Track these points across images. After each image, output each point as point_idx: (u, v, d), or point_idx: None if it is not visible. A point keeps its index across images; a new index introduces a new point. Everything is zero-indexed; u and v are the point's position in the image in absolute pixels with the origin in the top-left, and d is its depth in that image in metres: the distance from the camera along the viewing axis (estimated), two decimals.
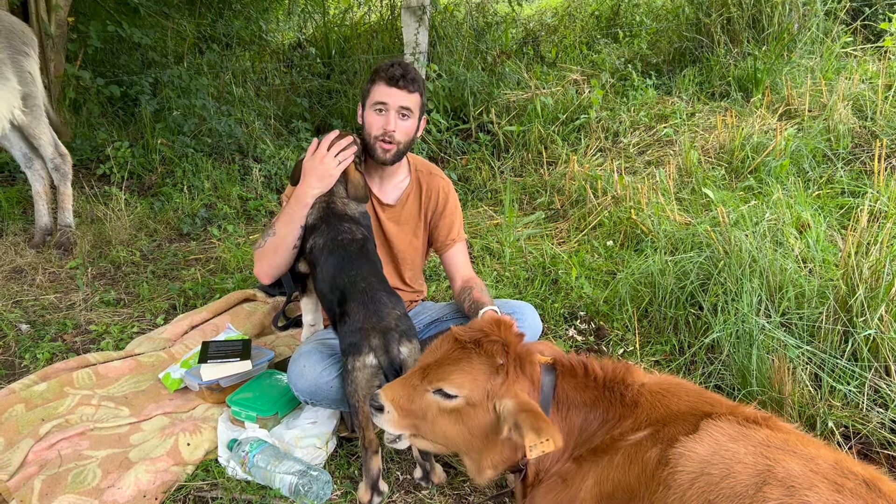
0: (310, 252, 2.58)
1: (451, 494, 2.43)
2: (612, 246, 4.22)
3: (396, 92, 2.64)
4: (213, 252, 4.64)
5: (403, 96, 2.66)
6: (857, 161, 4.76)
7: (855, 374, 2.69)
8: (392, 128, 2.66)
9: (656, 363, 3.15)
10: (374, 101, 2.68)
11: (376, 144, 2.70)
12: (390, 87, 2.65)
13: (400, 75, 2.64)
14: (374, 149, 2.71)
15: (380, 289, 2.41)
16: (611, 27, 8.05)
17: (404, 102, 2.66)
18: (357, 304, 2.35)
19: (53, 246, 4.60)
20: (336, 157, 2.59)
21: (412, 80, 2.67)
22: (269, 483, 2.41)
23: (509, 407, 1.90)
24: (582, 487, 1.89)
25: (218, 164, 5.84)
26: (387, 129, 2.66)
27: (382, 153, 2.71)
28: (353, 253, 2.50)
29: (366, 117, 2.73)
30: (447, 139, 6.01)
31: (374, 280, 2.44)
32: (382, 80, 2.66)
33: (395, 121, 2.67)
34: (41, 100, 4.49)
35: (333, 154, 2.59)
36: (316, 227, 2.59)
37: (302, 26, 9.33)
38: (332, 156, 2.58)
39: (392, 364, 2.29)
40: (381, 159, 2.72)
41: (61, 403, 2.87)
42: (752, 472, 1.58)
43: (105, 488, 2.37)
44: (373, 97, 2.69)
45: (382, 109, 2.67)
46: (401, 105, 2.66)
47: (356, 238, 2.55)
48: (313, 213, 2.61)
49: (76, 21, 6.80)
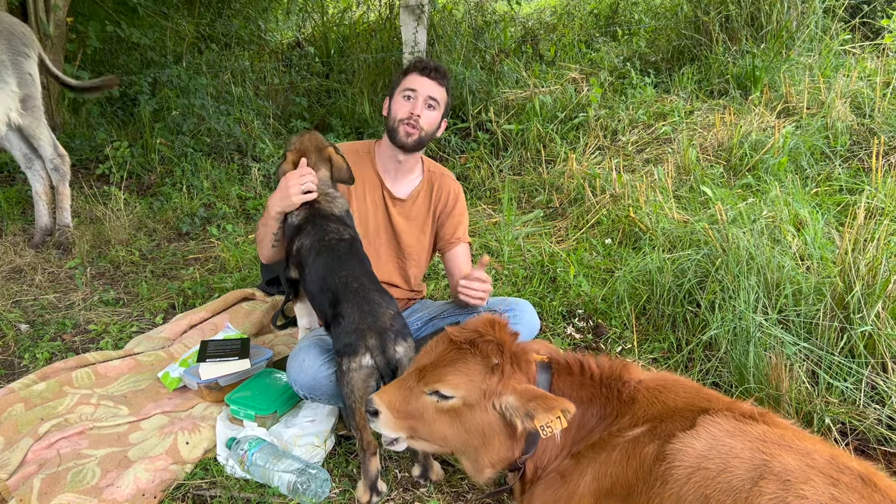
0: (297, 254, 2.58)
1: (450, 492, 2.44)
2: (610, 244, 4.23)
3: (427, 81, 2.80)
4: (212, 251, 4.65)
5: (433, 86, 2.81)
6: (854, 158, 4.77)
7: (852, 371, 2.70)
8: (418, 112, 2.78)
9: (654, 360, 3.16)
10: (404, 88, 2.82)
11: (400, 127, 2.80)
12: (422, 76, 2.81)
13: (433, 67, 2.83)
14: (396, 132, 2.82)
15: (372, 288, 2.41)
16: (609, 25, 8.05)
17: (433, 92, 2.81)
18: (351, 305, 2.34)
19: (53, 246, 4.61)
20: (300, 185, 2.60)
21: (443, 75, 2.85)
22: (267, 481, 2.41)
23: (512, 402, 1.91)
24: (580, 483, 1.90)
25: (217, 164, 5.85)
26: (413, 111, 2.78)
27: (405, 136, 2.81)
28: (343, 253, 2.49)
29: (393, 104, 2.85)
30: (446, 138, 6.01)
31: (366, 280, 2.44)
32: (415, 70, 2.83)
33: (422, 108, 2.80)
34: (41, 101, 4.50)
35: (298, 183, 2.60)
36: (302, 227, 2.59)
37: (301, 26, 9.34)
38: (296, 185, 2.60)
39: (389, 364, 2.29)
40: (401, 142, 2.82)
41: (60, 403, 2.87)
42: (749, 467, 1.59)
43: (104, 487, 2.38)
44: (403, 85, 2.84)
45: (411, 96, 2.81)
46: (429, 94, 2.81)
47: (344, 238, 2.55)
48: (299, 214, 2.63)
49: (75, 21, 6.81)
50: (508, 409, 1.92)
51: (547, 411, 1.84)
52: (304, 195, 2.59)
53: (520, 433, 1.95)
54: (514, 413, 1.91)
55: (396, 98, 2.84)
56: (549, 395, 1.89)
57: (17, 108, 4.30)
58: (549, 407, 1.84)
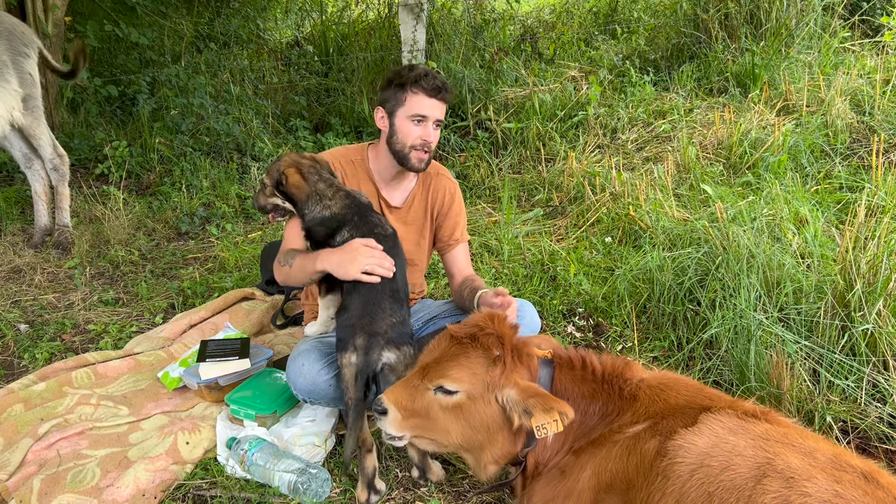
0: (343, 244, 2.45)
1: (450, 492, 2.43)
2: (610, 242, 4.22)
3: (436, 104, 2.68)
4: (212, 251, 4.64)
5: (441, 108, 2.71)
6: (854, 156, 4.76)
7: (853, 369, 2.69)
8: (431, 139, 2.70)
9: (654, 359, 3.15)
10: (414, 113, 2.66)
11: (411, 154, 2.70)
12: (431, 99, 2.66)
13: (441, 86, 2.67)
14: (407, 158, 2.71)
15: (386, 293, 2.37)
16: (608, 23, 8.05)
17: (441, 114, 2.72)
18: (358, 300, 2.34)
19: (52, 246, 4.60)
20: (365, 265, 2.37)
21: (449, 91, 2.72)
22: (268, 481, 2.40)
23: (513, 396, 1.92)
24: (580, 478, 1.90)
25: (216, 163, 5.84)
26: (426, 139, 2.68)
27: (418, 162, 2.72)
28: (388, 249, 2.42)
29: (399, 126, 2.69)
30: (445, 137, 6.00)
31: (388, 284, 2.38)
32: (422, 91, 2.65)
33: (433, 132, 2.71)
34: (41, 100, 4.49)
35: (366, 265, 2.36)
36: (347, 218, 2.47)
37: (299, 24, 9.33)
38: (363, 265, 2.36)
39: (368, 367, 2.25)
40: (416, 168, 2.74)
41: (60, 403, 2.87)
42: (752, 465, 1.58)
43: (104, 487, 2.37)
44: (411, 107, 2.66)
45: (421, 121, 2.68)
46: (437, 118, 2.71)
47: (388, 233, 2.50)
48: (336, 203, 2.50)
49: (73, 21, 6.79)
50: (508, 403, 1.94)
51: (545, 412, 1.85)
52: (363, 275, 2.35)
53: (515, 428, 1.96)
54: (514, 407, 1.92)
55: (403, 121, 2.68)
56: (550, 395, 1.90)
57: (19, 107, 4.30)
58: (548, 408, 1.85)
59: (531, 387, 1.93)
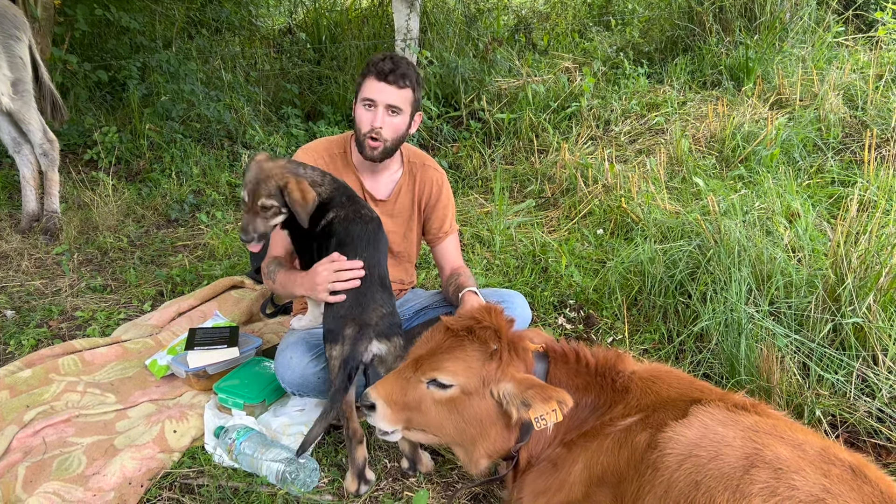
0: (328, 225, 2.41)
1: (440, 482, 2.43)
2: (602, 234, 4.22)
3: (386, 87, 2.57)
4: (201, 238, 4.61)
5: (392, 92, 2.58)
6: (847, 151, 4.77)
7: (842, 363, 2.70)
8: (379, 124, 2.59)
9: (645, 352, 3.15)
10: (364, 98, 2.62)
11: (365, 141, 2.64)
12: (379, 82, 2.57)
13: (389, 70, 2.56)
14: (362, 145, 2.66)
15: (376, 283, 2.35)
16: (603, 15, 8.03)
17: (393, 99, 2.59)
18: (350, 291, 2.31)
19: (40, 231, 4.56)
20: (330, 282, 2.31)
21: (402, 76, 2.58)
22: (255, 470, 2.39)
23: (510, 389, 1.91)
24: (572, 471, 1.89)
25: (207, 150, 5.79)
26: (374, 125, 2.60)
27: (370, 150, 2.65)
28: (372, 232, 2.40)
29: (356, 112, 2.66)
30: (438, 126, 5.98)
31: (376, 272, 2.37)
32: (372, 75, 2.59)
33: (383, 117, 2.60)
34: (31, 85, 4.44)
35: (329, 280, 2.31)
36: (333, 200, 2.41)
37: (292, 11, 9.24)
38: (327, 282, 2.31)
39: (354, 357, 2.22)
40: (368, 156, 2.67)
41: (46, 390, 2.84)
42: (741, 455, 1.58)
43: (90, 475, 2.36)
44: (363, 92, 2.63)
45: (371, 105, 2.61)
46: (389, 103, 2.59)
47: (374, 217, 2.46)
48: (325, 188, 2.42)
49: (63, 4, 6.71)
50: (505, 397, 1.91)
51: (544, 402, 1.83)
52: (331, 296, 2.30)
53: (514, 422, 1.95)
54: (511, 401, 1.90)
55: (358, 107, 2.64)
56: (548, 385, 1.89)
57: (8, 92, 4.25)
58: (547, 397, 1.84)
59: (528, 378, 1.92)
